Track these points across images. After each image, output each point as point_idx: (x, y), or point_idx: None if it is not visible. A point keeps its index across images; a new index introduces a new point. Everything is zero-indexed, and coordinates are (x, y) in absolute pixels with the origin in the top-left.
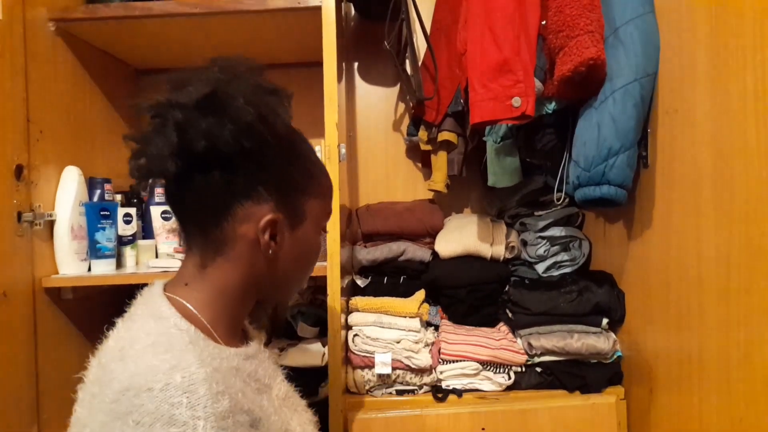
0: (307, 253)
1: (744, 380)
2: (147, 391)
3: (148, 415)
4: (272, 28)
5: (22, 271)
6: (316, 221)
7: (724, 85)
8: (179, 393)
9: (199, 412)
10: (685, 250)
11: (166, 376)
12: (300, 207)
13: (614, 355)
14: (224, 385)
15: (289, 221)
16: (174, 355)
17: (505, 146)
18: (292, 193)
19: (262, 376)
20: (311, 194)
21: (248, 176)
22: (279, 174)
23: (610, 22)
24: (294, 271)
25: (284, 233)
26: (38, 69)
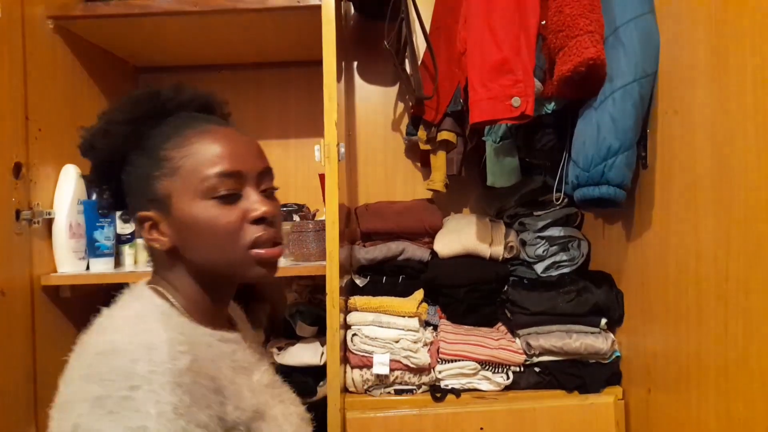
0: (197, 227)
1: (742, 380)
2: (113, 352)
3: (113, 371)
4: (271, 27)
5: (21, 270)
6: (185, 195)
7: (723, 86)
8: (141, 351)
9: (157, 367)
10: (683, 250)
11: (131, 337)
12: (158, 192)
13: (613, 355)
14: (188, 348)
15: (160, 210)
16: (144, 323)
17: (504, 146)
18: (145, 185)
19: (240, 359)
20: (160, 176)
21: (118, 195)
22: (132, 179)
23: (610, 22)
24: (204, 250)
25: (164, 222)
26: (37, 67)
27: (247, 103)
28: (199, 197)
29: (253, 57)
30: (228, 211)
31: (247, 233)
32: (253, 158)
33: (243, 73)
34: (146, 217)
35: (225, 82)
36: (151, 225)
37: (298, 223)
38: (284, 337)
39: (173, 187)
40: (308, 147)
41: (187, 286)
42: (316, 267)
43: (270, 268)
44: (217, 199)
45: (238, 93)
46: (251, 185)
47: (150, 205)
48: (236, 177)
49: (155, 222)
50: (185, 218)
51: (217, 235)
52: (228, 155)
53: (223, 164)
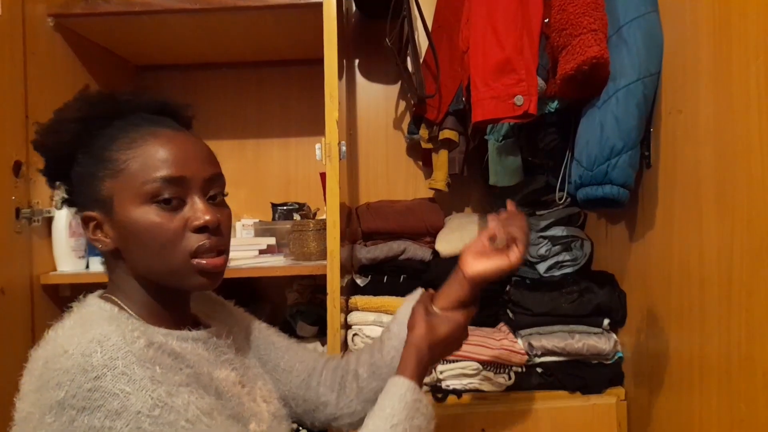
0: (136, 231)
1: (745, 382)
2: (63, 354)
3: (67, 372)
4: (273, 25)
5: (21, 268)
6: (127, 198)
7: (727, 86)
8: (93, 345)
9: (115, 354)
10: (686, 250)
11: (79, 337)
12: (100, 193)
13: (615, 356)
14: (142, 334)
15: (103, 211)
16: (89, 325)
17: (506, 145)
18: (87, 186)
19: (203, 354)
20: (104, 177)
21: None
22: (78, 179)
23: (614, 21)
24: (143, 255)
25: (104, 225)
26: (37, 65)
27: (249, 101)
28: (140, 201)
29: (255, 55)
30: (169, 218)
31: (189, 242)
32: (200, 163)
33: (244, 71)
34: (90, 217)
35: (226, 81)
36: (95, 225)
37: (298, 222)
38: None
39: (116, 188)
40: (309, 145)
41: (134, 289)
42: (316, 266)
43: (211, 278)
44: (159, 204)
45: (239, 91)
46: (196, 192)
47: (94, 205)
48: (180, 183)
49: (99, 222)
50: (125, 221)
51: (157, 241)
52: (173, 160)
53: (167, 169)
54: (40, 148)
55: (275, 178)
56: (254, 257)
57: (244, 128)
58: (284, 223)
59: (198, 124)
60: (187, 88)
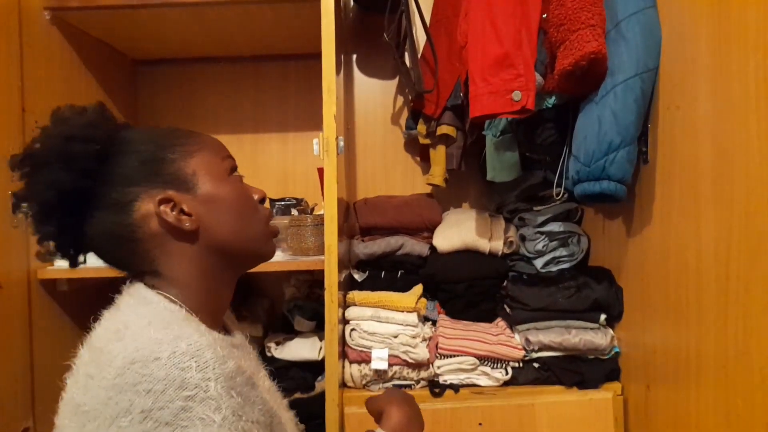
0: (227, 201)
1: (741, 376)
2: (155, 361)
3: (159, 382)
4: (270, 19)
5: (18, 263)
6: (210, 173)
7: (725, 82)
8: (187, 358)
9: (209, 374)
10: (684, 246)
11: (171, 345)
12: (180, 172)
13: (612, 351)
14: (226, 350)
15: (181, 190)
16: (174, 329)
17: (504, 140)
18: (160, 167)
19: (247, 366)
20: (181, 157)
21: (113, 189)
22: (133, 166)
23: (612, 16)
24: (230, 225)
25: (187, 201)
26: (34, 59)
27: (246, 96)
28: (225, 173)
29: (252, 50)
30: (248, 188)
31: (263, 210)
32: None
33: (242, 65)
34: (167, 198)
35: (223, 75)
36: (173, 206)
37: (296, 217)
38: (282, 331)
39: (197, 164)
40: (307, 140)
41: (192, 283)
42: (314, 261)
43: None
44: (238, 177)
45: (237, 86)
46: None
47: (167, 187)
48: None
49: (176, 203)
50: (215, 194)
51: (247, 207)
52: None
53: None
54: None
55: (273, 173)
56: None
57: (241, 123)
58: (282, 218)
59: (195, 119)
60: (185, 82)
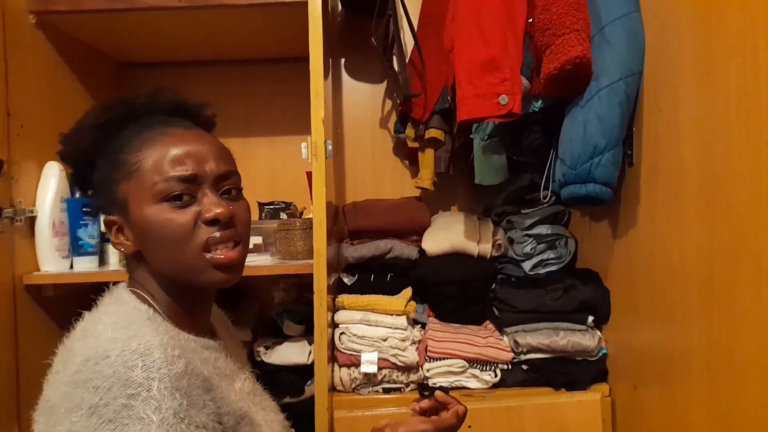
0: (152, 231)
1: (727, 375)
2: (105, 359)
3: (106, 379)
4: (258, 23)
5: (3, 268)
6: (141, 199)
7: (708, 85)
8: (135, 357)
9: (153, 374)
10: (669, 247)
11: (123, 344)
12: (116, 197)
13: (599, 353)
14: (180, 351)
15: (120, 214)
16: (132, 328)
17: (492, 144)
18: (105, 190)
19: (222, 367)
20: (118, 180)
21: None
22: (98, 185)
23: (596, 20)
24: (161, 253)
25: (124, 228)
26: (18, 62)
27: (235, 99)
28: (153, 200)
29: (241, 53)
30: (179, 215)
31: (200, 235)
32: (212, 160)
33: (230, 69)
34: (111, 221)
35: (211, 79)
36: (116, 229)
37: (285, 221)
38: (271, 335)
39: (129, 190)
40: (296, 144)
41: (158, 293)
42: (303, 265)
43: (228, 271)
44: (170, 202)
45: (226, 89)
46: (209, 188)
47: (114, 209)
48: (190, 180)
49: (120, 226)
50: (140, 222)
51: (170, 238)
52: (181, 158)
53: (175, 168)
54: (64, 157)
55: (262, 177)
56: None
57: (230, 127)
58: (271, 222)
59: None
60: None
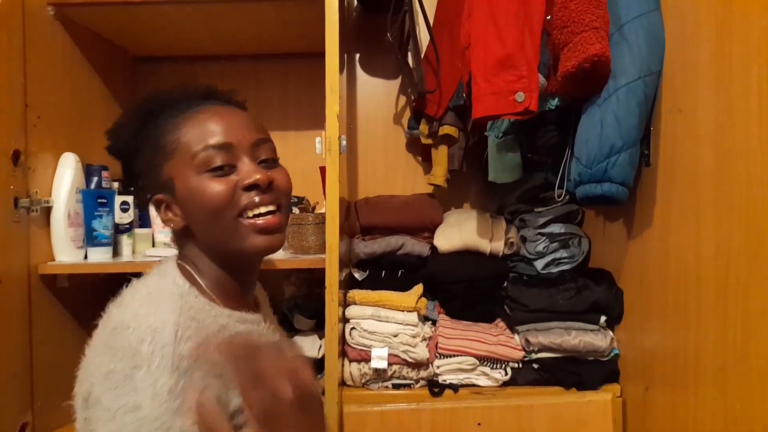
0: (198, 202)
1: (740, 379)
2: (126, 329)
3: (122, 349)
4: (274, 18)
5: (18, 258)
6: (185, 175)
7: (727, 85)
8: (148, 332)
9: (158, 350)
10: (684, 249)
11: (143, 318)
12: (162, 177)
13: (611, 353)
14: (195, 333)
15: (167, 193)
16: (156, 304)
17: (506, 142)
18: (150, 172)
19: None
20: (161, 161)
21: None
22: (139, 170)
23: (616, 19)
24: (205, 224)
25: (172, 203)
26: (36, 54)
27: (247, 94)
28: (195, 173)
29: (254, 48)
30: (220, 183)
31: (240, 201)
32: (245, 130)
33: (243, 64)
34: (159, 200)
35: (225, 73)
36: (165, 206)
37: (297, 215)
38: (282, 330)
39: (172, 169)
40: (308, 139)
41: (206, 266)
42: (315, 260)
43: (268, 237)
44: (211, 172)
45: (238, 84)
46: (246, 156)
47: (160, 189)
48: (226, 149)
49: (168, 203)
50: (185, 195)
51: (212, 206)
52: (216, 130)
53: (212, 138)
54: (112, 151)
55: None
56: None
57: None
58: None
59: None
60: (186, 80)
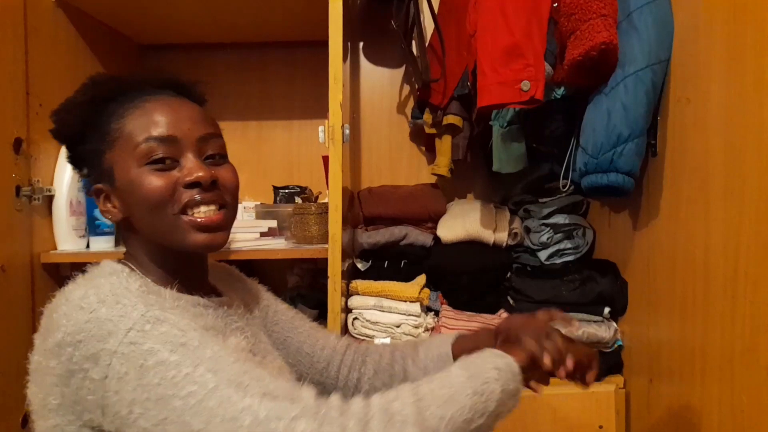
0: (135, 195)
1: (747, 372)
2: (64, 302)
3: (64, 315)
4: (278, 6)
5: (21, 246)
6: (125, 165)
7: (740, 76)
8: (91, 289)
9: (111, 290)
10: (692, 240)
11: (81, 288)
12: (103, 166)
13: (615, 344)
14: (144, 298)
15: (107, 183)
16: (94, 278)
17: (511, 131)
18: (93, 160)
19: (210, 324)
20: (103, 150)
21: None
22: (84, 153)
23: (624, 6)
24: (143, 217)
25: (111, 195)
26: (39, 42)
27: (252, 82)
28: (135, 165)
29: (259, 36)
30: (160, 177)
31: (180, 198)
32: (192, 123)
33: (248, 52)
34: (98, 189)
35: (230, 61)
36: (104, 197)
37: (300, 205)
38: None
39: (114, 158)
40: (312, 128)
41: (149, 258)
42: (318, 250)
43: (211, 233)
44: (151, 165)
45: (243, 72)
46: (190, 151)
47: (101, 178)
48: (169, 142)
49: (107, 194)
50: (125, 187)
51: (150, 201)
52: (161, 122)
53: (155, 129)
54: (56, 135)
55: (278, 161)
56: (255, 240)
57: (247, 110)
58: (286, 206)
59: None
60: (190, 68)
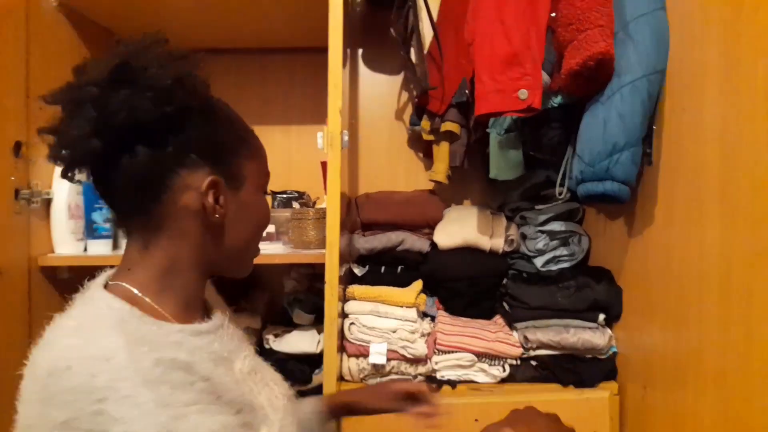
0: (255, 215)
1: (742, 379)
2: (66, 369)
3: (70, 392)
4: (277, 11)
5: (19, 249)
6: (256, 183)
7: (734, 86)
8: (98, 363)
9: (119, 374)
10: (686, 248)
11: (80, 351)
12: (237, 169)
13: (609, 351)
14: (150, 347)
15: (229, 184)
16: (96, 332)
17: (508, 139)
18: (226, 155)
19: (218, 350)
20: (245, 156)
21: (177, 144)
22: (208, 137)
23: (621, 17)
24: (244, 235)
25: (227, 196)
26: (40, 45)
27: (251, 88)
28: (260, 189)
29: (258, 42)
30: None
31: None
32: None
33: (247, 57)
34: (216, 182)
35: (228, 67)
36: (214, 193)
37: (298, 210)
38: (281, 324)
39: (250, 169)
40: (310, 134)
41: (177, 270)
42: (315, 255)
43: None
44: (265, 195)
45: (242, 78)
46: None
47: (220, 175)
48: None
49: (222, 194)
50: (250, 201)
51: (264, 224)
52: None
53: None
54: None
55: (276, 166)
56: None
57: (245, 115)
58: (284, 211)
59: None
60: None
